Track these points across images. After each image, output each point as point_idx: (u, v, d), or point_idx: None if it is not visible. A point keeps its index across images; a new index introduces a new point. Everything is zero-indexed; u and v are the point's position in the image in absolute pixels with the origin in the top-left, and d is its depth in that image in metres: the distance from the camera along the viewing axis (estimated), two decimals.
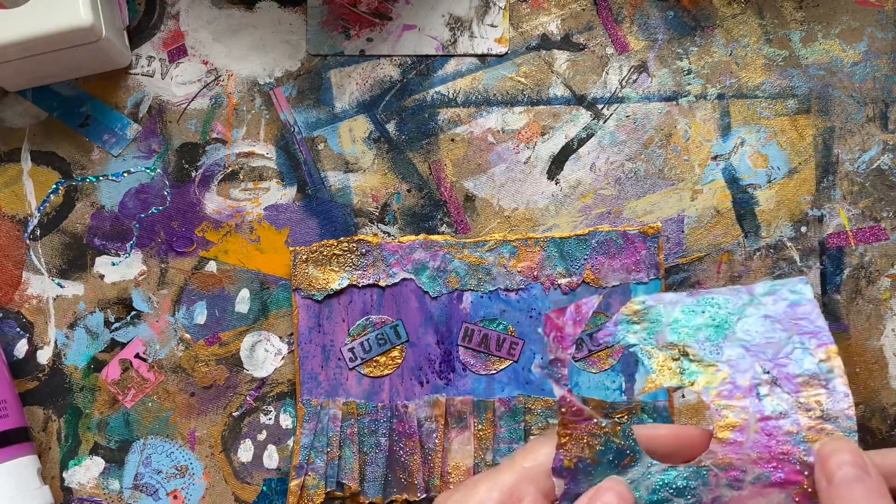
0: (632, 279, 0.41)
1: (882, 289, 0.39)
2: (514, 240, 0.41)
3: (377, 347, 0.41)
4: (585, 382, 0.41)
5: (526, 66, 0.40)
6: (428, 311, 0.41)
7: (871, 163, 0.40)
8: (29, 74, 0.39)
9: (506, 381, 0.41)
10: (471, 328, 0.41)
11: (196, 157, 0.41)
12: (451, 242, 0.41)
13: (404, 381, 0.41)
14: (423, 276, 0.41)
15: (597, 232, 0.41)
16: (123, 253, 0.41)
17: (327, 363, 0.41)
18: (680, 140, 0.40)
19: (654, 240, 0.40)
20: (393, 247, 0.41)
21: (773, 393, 0.31)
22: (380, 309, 0.41)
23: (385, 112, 0.41)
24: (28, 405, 0.41)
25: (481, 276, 0.41)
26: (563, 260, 0.41)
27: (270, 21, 0.41)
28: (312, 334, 0.41)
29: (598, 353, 0.41)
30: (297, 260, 0.41)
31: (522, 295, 0.41)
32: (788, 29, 0.40)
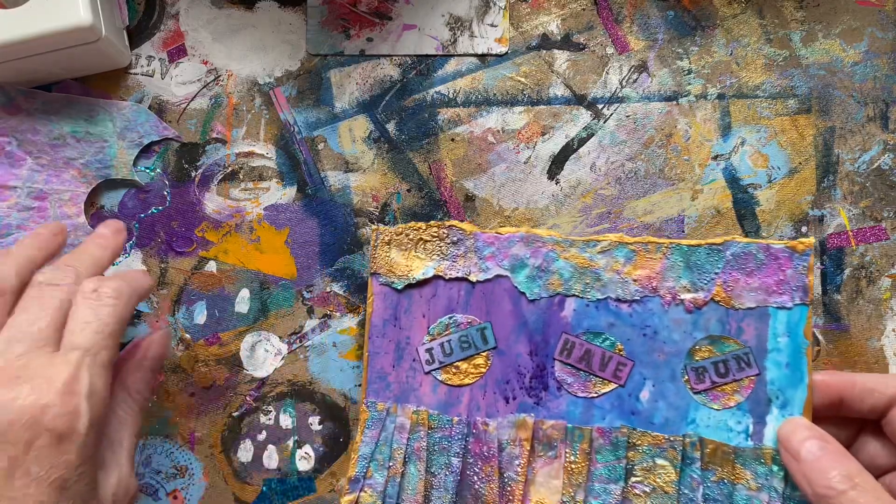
0: (772, 302, 0.35)
1: (882, 289, 0.39)
2: (632, 243, 0.36)
3: (459, 351, 0.36)
4: (704, 420, 0.35)
5: (526, 65, 0.40)
6: (522, 316, 0.36)
7: (872, 163, 0.40)
8: (29, 74, 0.39)
9: (608, 408, 0.36)
10: (571, 340, 0.36)
11: (196, 157, 0.41)
12: (558, 239, 0.36)
13: (487, 394, 0.36)
14: (521, 275, 0.36)
15: (733, 242, 0.35)
16: (123, 253, 0.41)
17: (400, 363, 0.36)
18: (680, 140, 0.40)
19: (805, 257, 0.35)
20: (489, 238, 0.36)
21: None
22: (467, 307, 0.36)
23: (385, 112, 0.41)
24: None
25: (589, 282, 0.36)
26: (690, 271, 0.35)
27: (270, 21, 0.41)
28: (387, 328, 0.36)
29: (723, 387, 0.36)
30: (379, 241, 0.36)
31: (637, 308, 0.36)
32: (789, 29, 0.40)
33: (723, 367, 0.36)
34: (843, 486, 0.32)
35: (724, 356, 0.36)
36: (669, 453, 0.36)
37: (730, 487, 0.35)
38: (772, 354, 0.36)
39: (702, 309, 0.36)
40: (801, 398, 0.35)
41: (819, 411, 0.35)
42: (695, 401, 0.36)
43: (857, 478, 0.32)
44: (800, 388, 0.35)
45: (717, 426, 0.35)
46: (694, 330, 0.36)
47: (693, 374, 0.36)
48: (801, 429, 0.34)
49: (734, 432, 0.35)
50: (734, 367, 0.36)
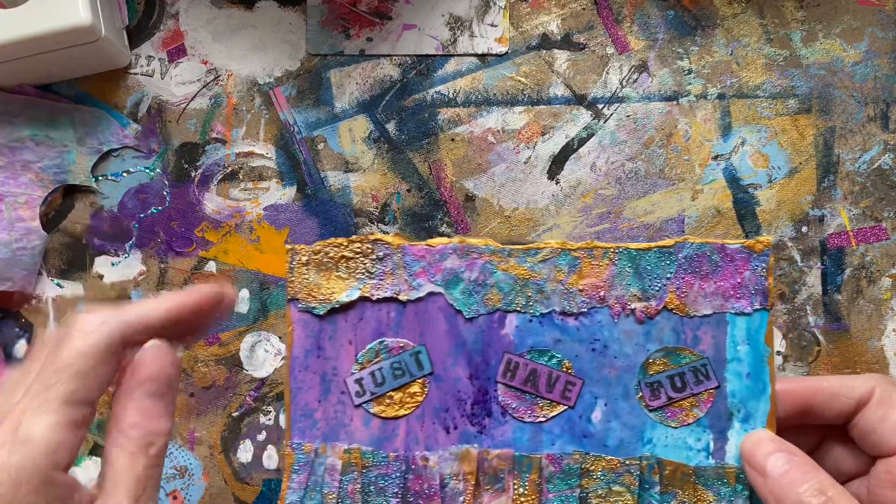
0: (730, 308, 0.33)
1: (883, 289, 0.39)
2: (576, 249, 0.33)
3: (392, 380, 0.33)
4: (662, 440, 0.33)
5: (526, 65, 0.40)
6: (460, 336, 0.33)
7: (872, 162, 0.40)
8: (28, 74, 0.39)
9: (558, 433, 0.33)
10: (515, 360, 0.33)
11: (195, 157, 0.41)
12: (495, 248, 0.33)
13: (425, 425, 0.33)
14: (456, 291, 0.33)
15: (685, 244, 0.33)
16: (123, 253, 0.41)
17: (327, 397, 0.33)
18: (680, 140, 0.40)
19: (763, 258, 0.32)
20: (419, 251, 0.33)
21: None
22: (398, 330, 0.33)
23: (385, 112, 0.40)
24: None
25: (531, 294, 0.33)
26: (640, 278, 0.33)
27: (270, 21, 0.41)
28: (310, 359, 0.33)
29: (680, 402, 0.33)
30: (296, 262, 0.33)
31: (584, 321, 0.33)
32: (789, 28, 0.40)
33: (679, 380, 0.33)
34: (815, 500, 0.30)
35: (681, 369, 0.33)
36: (626, 478, 0.33)
37: None
38: (732, 365, 0.33)
39: (654, 318, 0.33)
40: (765, 410, 0.33)
41: (784, 421, 0.33)
42: (651, 419, 0.33)
43: (830, 491, 0.30)
44: (762, 400, 0.33)
45: (675, 445, 0.33)
46: (647, 342, 0.33)
47: (648, 389, 0.33)
48: (765, 442, 0.32)
49: (694, 451, 0.33)
50: (691, 380, 0.33)
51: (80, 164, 0.40)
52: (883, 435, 0.32)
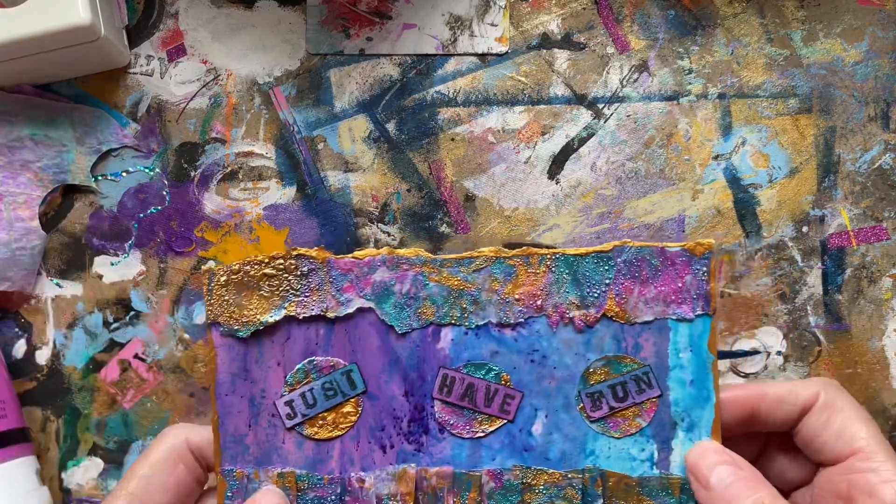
0: (671, 314, 0.32)
1: (884, 289, 0.39)
2: (510, 257, 0.32)
3: (324, 400, 0.32)
4: (605, 451, 0.32)
5: (526, 65, 0.40)
6: (393, 352, 0.32)
7: (873, 162, 0.40)
8: (28, 73, 0.39)
9: (497, 448, 0.32)
10: (451, 375, 0.32)
11: (195, 157, 0.41)
12: (426, 259, 0.32)
13: (361, 445, 0.32)
14: (387, 306, 0.32)
15: (624, 248, 0.32)
16: (122, 253, 0.41)
17: (257, 421, 0.32)
18: (681, 140, 0.40)
19: (704, 261, 0.32)
20: (346, 264, 0.32)
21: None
22: (328, 349, 0.32)
23: (385, 111, 0.40)
24: (27, 406, 0.40)
25: (466, 306, 0.32)
26: (578, 285, 0.32)
27: (270, 20, 0.41)
28: (236, 383, 0.32)
29: (622, 412, 0.32)
30: (214, 283, 0.32)
31: (522, 331, 0.32)
32: (790, 28, 0.40)
33: (621, 389, 0.32)
34: None
35: (622, 377, 0.32)
36: (568, 492, 0.32)
37: None
38: (674, 372, 0.32)
39: (594, 326, 0.32)
40: (709, 419, 0.32)
41: (729, 429, 0.33)
42: (592, 430, 0.32)
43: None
44: (707, 408, 0.32)
45: (618, 456, 0.32)
46: (587, 351, 0.32)
47: (588, 400, 0.32)
48: (710, 453, 0.31)
49: (638, 461, 0.32)
50: (633, 388, 0.32)
51: (80, 164, 0.40)
52: (826, 441, 0.31)
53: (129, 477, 0.32)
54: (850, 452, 0.31)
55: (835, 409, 0.32)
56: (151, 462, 0.32)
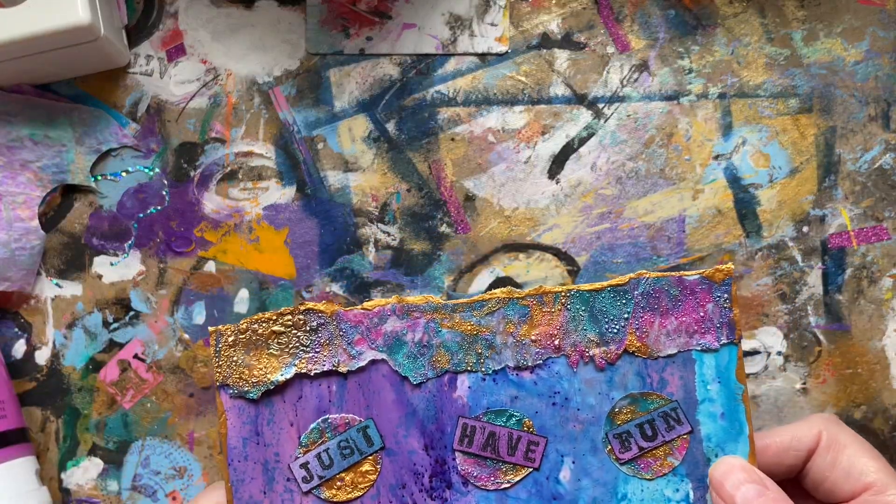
0: (695, 345, 0.30)
1: (884, 289, 0.39)
2: (523, 297, 0.31)
3: (341, 460, 0.31)
4: (637, 494, 0.30)
5: (526, 65, 0.40)
6: (409, 405, 0.31)
7: (873, 162, 0.40)
8: (27, 73, 0.39)
9: (524, 498, 0.30)
10: (471, 425, 0.31)
11: (195, 157, 0.41)
12: (436, 305, 0.31)
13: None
14: (400, 356, 0.31)
15: (640, 279, 0.30)
16: (122, 253, 0.40)
17: (272, 487, 0.30)
18: (681, 139, 0.40)
19: (725, 287, 0.30)
20: (356, 316, 0.30)
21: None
22: (342, 405, 0.31)
23: (385, 111, 0.40)
24: (26, 406, 0.40)
25: (481, 351, 0.31)
26: (596, 321, 0.30)
27: (269, 20, 0.41)
28: (248, 448, 0.30)
29: (652, 452, 0.31)
30: (222, 344, 0.30)
31: (541, 374, 0.31)
32: (790, 28, 0.40)
33: (649, 428, 0.31)
34: None
35: (650, 415, 0.31)
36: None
37: None
38: (704, 406, 0.31)
39: (616, 363, 0.31)
40: (744, 451, 0.31)
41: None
42: (623, 472, 0.30)
43: None
44: (741, 441, 0.31)
45: (652, 498, 0.30)
46: (610, 390, 0.31)
47: (616, 441, 0.31)
48: (736, 471, 0.30)
49: (673, 502, 0.30)
50: (662, 426, 0.31)
51: (79, 164, 0.40)
52: (836, 482, 0.31)
53: None
54: (861, 488, 0.30)
55: (839, 446, 0.31)
56: None
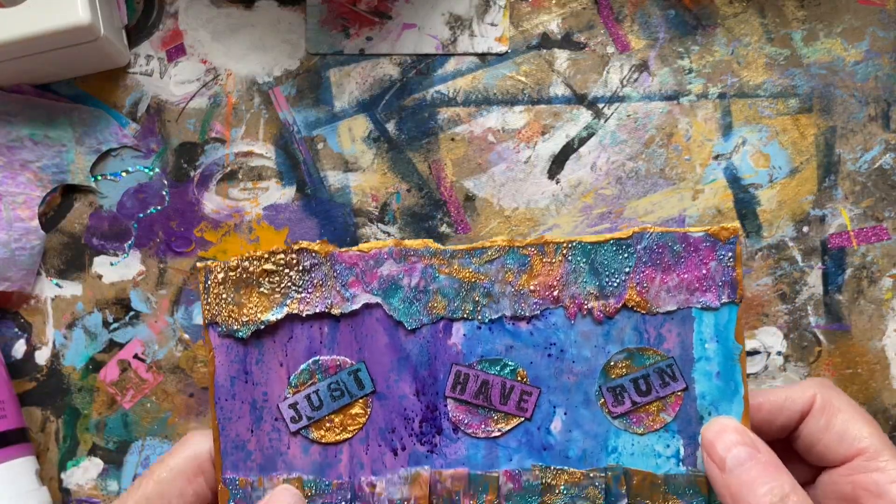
0: (695, 302, 0.30)
1: (884, 289, 0.39)
2: (523, 246, 0.30)
3: (331, 402, 0.30)
4: (628, 448, 0.30)
5: (526, 65, 0.40)
6: (403, 350, 0.31)
7: (873, 162, 0.40)
8: (27, 73, 0.39)
9: (515, 447, 0.30)
10: (464, 372, 0.30)
11: (195, 157, 0.41)
12: (435, 251, 0.30)
13: (370, 448, 0.30)
14: (395, 300, 0.30)
15: (644, 234, 0.30)
16: (122, 253, 0.40)
17: (259, 426, 0.30)
18: (681, 139, 0.40)
19: (730, 246, 0.30)
20: (351, 258, 0.30)
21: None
22: (333, 347, 0.30)
23: (385, 111, 0.40)
24: (26, 406, 0.40)
25: (478, 299, 0.30)
26: (596, 274, 0.30)
27: (269, 20, 0.41)
28: (236, 386, 0.30)
29: (645, 407, 0.31)
30: (211, 281, 0.30)
31: (538, 324, 0.30)
32: (790, 28, 0.40)
33: (644, 383, 0.31)
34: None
35: (645, 370, 0.30)
36: (590, 492, 0.30)
37: None
38: (700, 364, 0.31)
39: (614, 317, 0.30)
40: (738, 412, 0.31)
41: None
42: (614, 426, 0.30)
43: (792, 497, 0.27)
44: (735, 401, 0.30)
45: (642, 453, 0.30)
46: (607, 343, 0.31)
47: (610, 395, 0.31)
48: (729, 432, 0.29)
49: (663, 458, 0.30)
50: (657, 382, 0.31)
51: (79, 164, 0.40)
52: (828, 445, 0.30)
53: (146, 478, 0.31)
54: (854, 453, 0.30)
55: (833, 410, 0.31)
56: (171, 467, 0.30)
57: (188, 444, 0.32)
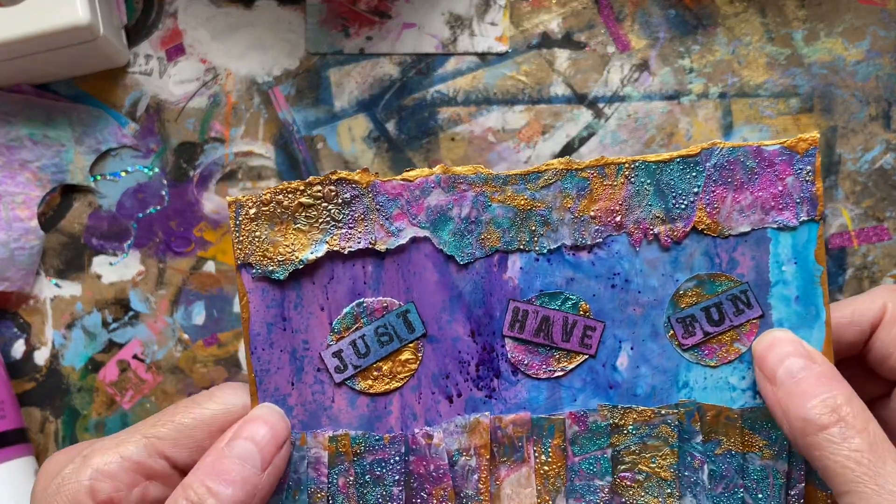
0: (771, 222, 0.28)
1: None
2: (583, 168, 0.27)
3: (378, 348, 0.28)
4: (700, 382, 0.28)
5: (527, 64, 0.40)
6: (455, 287, 0.28)
7: (874, 162, 0.39)
8: (26, 73, 0.39)
9: (579, 387, 0.28)
10: (523, 309, 0.28)
11: (194, 157, 0.40)
12: (486, 176, 0.27)
13: (423, 396, 0.28)
14: (445, 233, 0.28)
15: (713, 149, 0.27)
16: (121, 253, 0.40)
17: (300, 378, 0.28)
18: (682, 139, 0.40)
19: (809, 159, 0.27)
20: (395, 188, 0.27)
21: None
22: (379, 287, 0.28)
23: (385, 111, 0.40)
24: (25, 406, 0.40)
25: (535, 228, 0.28)
26: (662, 196, 0.28)
27: (269, 19, 0.41)
28: (274, 334, 0.28)
29: (718, 337, 0.28)
30: (242, 217, 0.27)
31: (600, 253, 0.28)
32: (791, 27, 0.40)
33: (716, 312, 0.28)
34: (824, 418, 0.24)
35: (717, 298, 0.28)
36: (662, 430, 0.28)
37: (740, 459, 0.28)
38: (777, 288, 0.28)
39: (682, 242, 0.28)
40: (819, 338, 0.28)
41: None
42: (685, 359, 0.28)
43: (845, 408, 0.25)
44: (816, 327, 0.28)
45: (716, 387, 0.28)
46: (675, 271, 0.28)
47: (680, 326, 0.29)
48: (782, 343, 0.27)
49: (738, 391, 0.28)
50: (730, 310, 0.28)
51: (78, 164, 0.40)
52: None
53: (165, 418, 0.28)
54: None
55: None
56: (195, 416, 0.28)
57: (218, 397, 0.28)
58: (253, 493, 0.26)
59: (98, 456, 0.27)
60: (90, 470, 0.27)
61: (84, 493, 0.26)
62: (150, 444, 0.27)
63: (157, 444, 0.27)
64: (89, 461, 0.27)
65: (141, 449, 0.27)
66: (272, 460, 0.27)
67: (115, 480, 0.27)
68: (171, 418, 0.28)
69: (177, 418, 0.28)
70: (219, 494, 0.25)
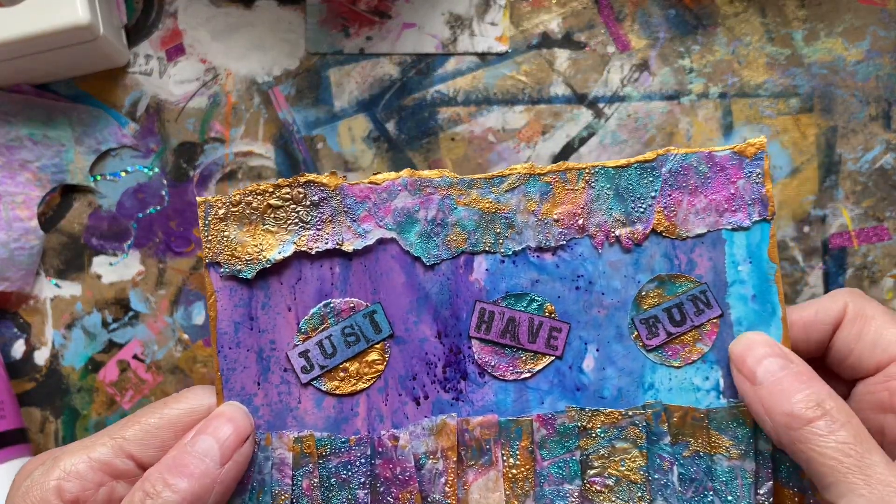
0: (725, 223, 0.29)
1: (885, 289, 0.39)
2: (546, 173, 0.28)
3: (345, 348, 0.28)
4: (665, 383, 0.29)
5: (527, 64, 0.40)
6: (421, 288, 0.28)
7: (874, 162, 0.39)
8: (26, 73, 0.39)
9: (546, 389, 0.29)
10: (489, 310, 0.28)
11: (194, 157, 0.40)
12: (452, 180, 0.28)
13: (390, 397, 0.28)
14: (412, 235, 0.28)
15: (668, 156, 0.29)
16: (121, 253, 0.40)
17: (266, 377, 0.28)
18: (682, 139, 0.40)
19: (758, 162, 0.28)
20: (362, 191, 0.28)
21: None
22: (346, 288, 0.28)
23: (385, 111, 0.40)
24: (25, 406, 0.40)
25: (500, 230, 0.28)
26: (621, 200, 0.28)
27: (269, 19, 0.41)
28: (241, 333, 0.28)
29: (681, 338, 0.29)
30: (211, 217, 0.28)
31: (564, 255, 0.28)
32: (791, 27, 0.40)
33: (678, 312, 0.29)
34: (810, 412, 0.25)
35: (678, 299, 0.29)
36: (630, 432, 0.28)
37: (708, 461, 0.28)
38: (734, 288, 0.29)
39: (642, 244, 0.28)
40: (777, 335, 0.29)
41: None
42: (650, 360, 0.29)
43: (828, 403, 0.26)
44: (773, 324, 0.29)
45: (681, 388, 0.28)
46: (637, 272, 0.29)
47: (643, 327, 0.29)
48: (758, 346, 0.28)
49: (703, 391, 0.28)
50: (691, 310, 0.29)
51: (78, 164, 0.40)
52: (861, 354, 0.29)
53: (133, 419, 0.28)
54: (888, 359, 0.28)
55: (865, 318, 0.29)
56: (162, 416, 0.28)
57: (187, 397, 0.29)
58: (211, 486, 0.27)
59: (67, 458, 0.28)
60: (58, 471, 0.28)
61: (52, 493, 0.27)
62: (117, 445, 0.28)
63: (124, 444, 0.28)
64: (58, 463, 0.28)
65: (108, 450, 0.28)
66: (232, 455, 0.27)
67: (82, 480, 0.28)
68: (138, 420, 0.29)
69: (143, 419, 0.29)
70: (174, 486, 0.26)
